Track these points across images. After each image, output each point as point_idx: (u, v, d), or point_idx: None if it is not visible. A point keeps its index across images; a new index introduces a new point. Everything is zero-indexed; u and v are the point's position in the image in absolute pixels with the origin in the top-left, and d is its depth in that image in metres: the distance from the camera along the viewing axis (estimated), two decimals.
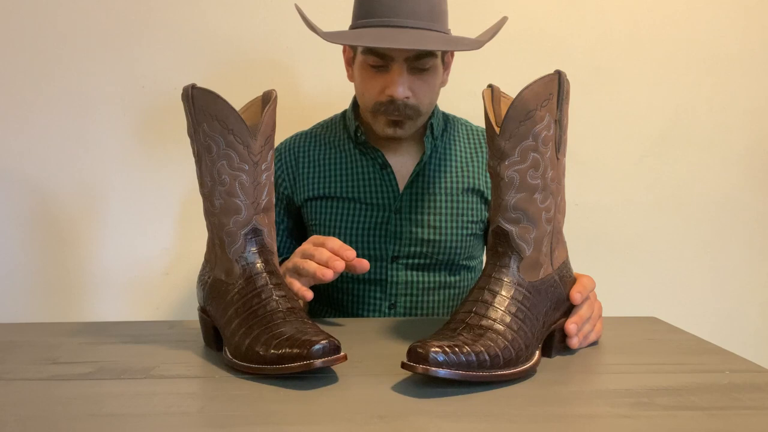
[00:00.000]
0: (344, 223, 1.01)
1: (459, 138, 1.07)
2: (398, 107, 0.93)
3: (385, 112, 0.94)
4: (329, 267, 0.77)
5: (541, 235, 0.67)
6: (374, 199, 1.01)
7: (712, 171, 1.42)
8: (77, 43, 1.32)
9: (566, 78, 0.65)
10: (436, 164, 1.03)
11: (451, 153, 1.05)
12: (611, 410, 0.55)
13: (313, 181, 1.04)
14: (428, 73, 0.94)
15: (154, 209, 1.37)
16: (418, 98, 0.94)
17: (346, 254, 0.78)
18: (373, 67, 0.93)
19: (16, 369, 0.67)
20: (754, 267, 1.44)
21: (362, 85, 0.96)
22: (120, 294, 1.38)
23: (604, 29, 1.37)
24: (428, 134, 1.01)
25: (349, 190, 1.02)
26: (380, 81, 0.93)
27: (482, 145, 1.07)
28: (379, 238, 1.00)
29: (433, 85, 0.95)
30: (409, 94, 0.93)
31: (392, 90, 0.91)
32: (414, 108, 0.94)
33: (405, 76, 0.91)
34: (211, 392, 0.59)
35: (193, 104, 0.68)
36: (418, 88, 0.93)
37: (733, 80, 1.40)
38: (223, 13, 1.33)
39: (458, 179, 1.03)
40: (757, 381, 0.62)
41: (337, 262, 0.77)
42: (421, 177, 1.02)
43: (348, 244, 1.02)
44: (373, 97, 0.95)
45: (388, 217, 1.00)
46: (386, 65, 0.92)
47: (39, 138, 1.34)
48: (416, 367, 0.57)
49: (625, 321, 0.89)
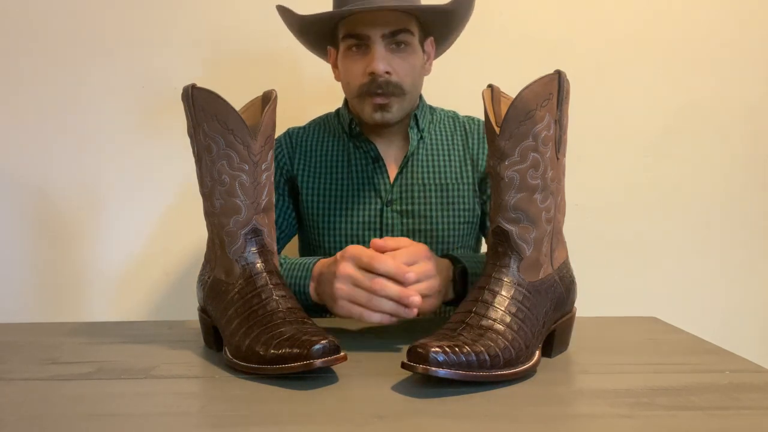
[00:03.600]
0: (338, 218, 1.03)
1: (445, 127, 1.09)
2: (380, 84, 0.95)
3: (369, 92, 0.96)
4: (408, 305, 0.71)
5: (541, 235, 0.67)
6: (366, 193, 1.03)
7: (712, 171, 1.42)
8: (77, 43, 1.32)
9: (566, 78, 0.65)
10: (423, 155, 1.05)
11: (438, 142, 1.07)
12: (611, 410, 0.55)
13: (310, 172, 1.06)
14: (406, 51, 0.97)
15: (154, 209, 1.37)
16: (399, 75, 0.96)
17: (405, 277, 0.72)
18: (353, 50, 0.97)
19: (16, 369, 0.67)
20: (755, 267, 1.44)
21: (346, 74, 1.00)
22: (120, 294, 1.38)
23: (604, 29, 1.37)
24: (413, 125, 1.04)
25: (343, 184, 1.04)
26: (362, 63, 0.96)
27: (469, 133, 1.08)
28: (373, 232, 1.02)
29: (412, 64, 0.98)
30: (389, 68, 0.95)
31: (373, 66, 0.94)
32: (396, 85, 0.96)
33: (383, 52, 0.95)
34: (211, 392, 0.59)
35: (193, 104, 0.68)
36: (397, 65, 0.96)
37: (734, 80, 1.40)
38: (223, 13, 1.33)
39: (446, 168, 1.05)
40: (757, 381, 0.62)
41: (414, 297, 0.71)
42: (409, 167, 1.04)
43: (342, 239, 1.03)
44: (357, 79, 0.97)
45: (380, 209, 1.02)
46: (365, 44, 0.96)
47: (39, 138, 1.34)
48: (416, 367, 0.57)
49: (625, 321, 0.89)
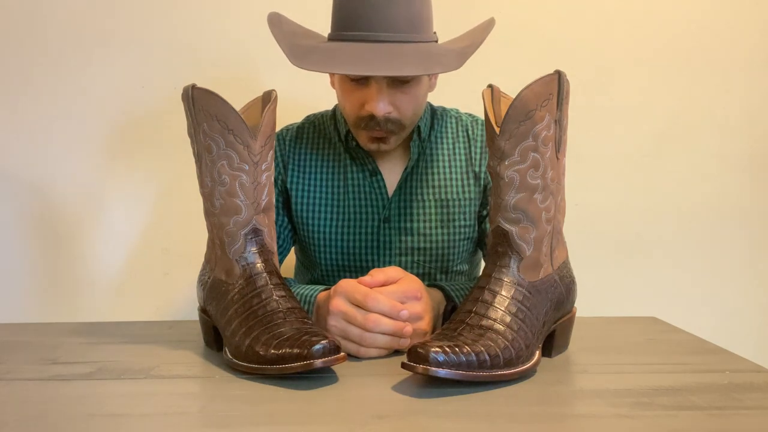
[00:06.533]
0: (334, 234, 0.97)
1: (447, 134, 1.01)
2: (379, 123, 0.87)
3: (366, 128, 0.88)
4: (403, 336, 0.71)
5: (541, 235, 0.67)
6: (363, 209, 0.97)
7: (712, 171, 1.42)
8: (77, 42, 1.32)
9: (566, 78, 0.65)
10: (423, 168, 0.98)
11: (440, 153, 0.99)
12: (611, 410, 0.55)
13: (304, 185, 0.99)
14: (410, 86, 0.87)
15: (154, 209, 1.37)
16: (400, 112, 0.88)
17: (399, 314, 0.71)
18: (352, 81, 0.87)
19: (16, 369, 0.67)
20: (755, 267, 1.44)
21: (343, 98, 0.91)
22: (120, 294, 1.38)
23: (604, 29, 1.37)
24: (415, 138, 0.96)
25: (339, 199, 0.97)
26: (360, 95, 0.87)
27: (472, 139, 1.00)
28: (370, 250, 0.97)
29: (416, 96, 0.89)
30: (390, 109, 0.87)
31: (371, 107, 0.86)
32: (396, 122, 0.88)
33: (384, 91, 0.85)
34: (211, 392, 0.59)
35: (193, 104, 0.68)
36: (399, 101, 0.87)
37: (734, 80, 1.40)
38: (223, 13, 1.33)
39: (447, 183, 0.98)
40: (757, 381, 0.62)
41: (408, 328, 0.71)
42: (408, 183, 0.97)
43: (337, 256, 0.98)
44: (354, 111, 0.89)
45: (377, 226, 0.97)
46: (365, 78, 0.86)
47: (39, 138, 1.33)
48: (416, 367, 0.57)
49: (625, 321, 0.89)
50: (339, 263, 0.98)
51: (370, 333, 0.71)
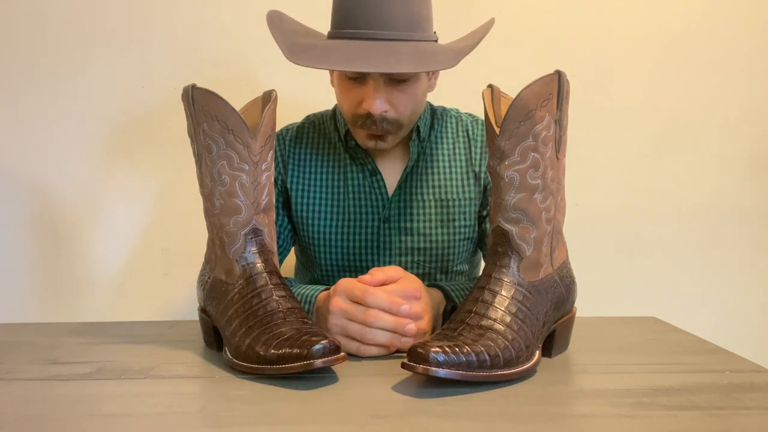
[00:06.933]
0: (334, 235, 0.97)
1: (447, 134, 1.00)
2: (376, 122, 0.86)
3: (363, 126, 0.88)
4: (404, 334, 0.71)
5: (541, 235, 0.67)
6: (363, 209, 0.97)
7: (712, 170, 1.42)
8: (77, 42, 1.32)
9: (566, 78, 0.65)
10: (423, 168, 0.97)
11: (440, 153, 0.99)
12: (611, 410, 0.55)
13: (303, 185, 0.99)
14: (408, 84, 0.86)
15: (154, 209, 1.37)
16: (397, 111, 0.87)
17: (399, 309, 0.71)
18: (349, 78, 0.87)
19: (16, 369, 0.67)
20: (755, 267, 1.44)
21: (341, 96, 0.91)
22: (120, 294, 1.38)
23: (604, 29, 1.37)
24: (414, 138, 0.95)
25: (339, 199, 0.97)
26: (357, 93, 0.87)
27: (472, 140, 1.00)
28: (371, 250, 0.97)
29: (414, 95, 0.88)
30: (387, 107, 0.86)
31: (368, 105, 0.85)
32: (393, 122, 0.88)
33: (382, 89, 0.85)
34: (211, 392, 0.59)
35: (193, 104, 0.68)
36: (397, 100, 0.86)
37: (734, 80, 1.40)
38: (223, 13, 1.33)
39: (448, 182, 0.98)
40: (757, 381, 0.62)
41: (410, 326, 0.71)
42: (408, 183, 0.97)
43: (337, 256, 0.98)
44: (351, 109, 0.89)
45: (377, 226, 0.96)
46: (362, 76, 0.86)
47: (38, 138, 1.33)
48: (416, 367, 0.57)
49: (625, 321, 0.89)
50: (339, 263, 0.98)
51: (370, 329, 0.70)
